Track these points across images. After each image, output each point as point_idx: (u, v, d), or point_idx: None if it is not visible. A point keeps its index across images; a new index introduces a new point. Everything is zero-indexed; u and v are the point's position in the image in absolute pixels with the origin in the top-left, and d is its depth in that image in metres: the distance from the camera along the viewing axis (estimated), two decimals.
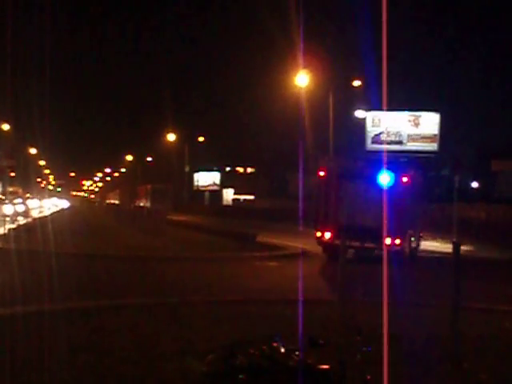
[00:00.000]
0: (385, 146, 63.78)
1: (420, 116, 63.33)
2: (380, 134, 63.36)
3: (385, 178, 22.60)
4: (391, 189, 22.83)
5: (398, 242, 23.15)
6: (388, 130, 63.13)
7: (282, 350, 7.29)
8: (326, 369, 7.15)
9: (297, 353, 7.23)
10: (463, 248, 10.56)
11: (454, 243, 9.68)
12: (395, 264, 12.76)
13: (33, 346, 9.43)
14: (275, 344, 7.34)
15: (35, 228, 33.71)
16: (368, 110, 61.51)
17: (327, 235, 24.18)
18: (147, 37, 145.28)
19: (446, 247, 25.25)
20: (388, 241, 21.70)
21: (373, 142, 63.57)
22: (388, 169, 23.00)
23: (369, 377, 7.56)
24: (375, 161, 26.67)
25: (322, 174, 25.22)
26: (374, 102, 61.45)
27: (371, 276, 13.08)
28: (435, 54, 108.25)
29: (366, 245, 23.38)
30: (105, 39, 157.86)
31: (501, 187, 69.48)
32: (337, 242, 21.49)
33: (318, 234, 24.78)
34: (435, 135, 63.16)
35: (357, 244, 23.03)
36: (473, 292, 13.12)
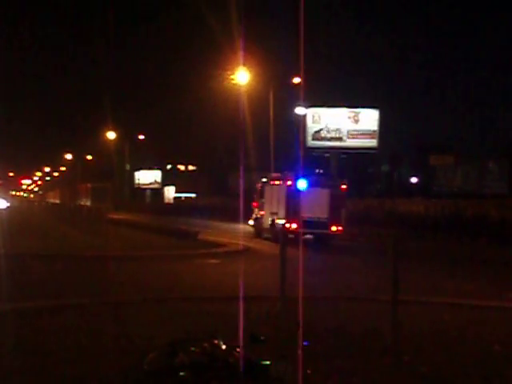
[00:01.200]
0: (325, 143, 64.24)
1: (359, 112, 63.90)
2: (320, 130, 63.79)
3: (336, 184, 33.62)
4: (333, 193, 32.66)
5: (340, 228, 32.83)
6: (328, 126, 63.60)
7: (224, 346, 7.31)
8: (266, 364, 7.19)
9: (238, 349, 7.26)
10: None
11: (391, 237, 9.80)
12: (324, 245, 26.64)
13: None
14: (216, 341, 7.36)
15: None
16: (308, 106, 61.83)
17: (294, 226, 31.38)
18: (86, 33, 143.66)
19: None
20: (333, 228, 32.42)
21: (313, 139, 63.97)
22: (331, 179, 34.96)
23: (309, 371, 7.62)
24: (322, 175, 37.64)
25: (288, 182, 33.01)
26: (314, 99, 61.90)
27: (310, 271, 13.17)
28: (374, 50, 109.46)
29: (319, 231, 31.55)
30: (44, 35, 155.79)
31: (439, 181, 70.57)
32: (299, 229, 28.96)
33: (287, 225, 31.76)
34: (374, 131, 63.79)
35: (312, 230, 31.15)
36: (410, 285, 13.30)
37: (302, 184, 31.82)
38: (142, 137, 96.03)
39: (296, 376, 7.20)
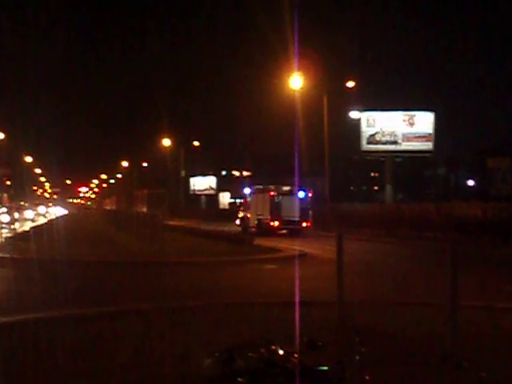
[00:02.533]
0: (380, 147, 63.86)
1: (414, 115, 63.42)
2: (375, 134, 63.43)
3: (301, 194, 45.00)
4: (303, 199, 44.86)
5: (308, 224, 44.44)
6: (383, 129, 63.22)
7: (281, 352, 7.27)
8: (324, 370, 7.13)
9: (295, 355, 7.21)
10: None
11: (450, 241, 9.67)
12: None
13: (32, 353, 9.41)
14: (274, 347, 7.32)
15: (32, 236, 33.67)
16: (363, 110, 61.56)
17: (276, 223, 44.16)
18: (142, 44, 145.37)
19: None
20: (304, 224, 44.10)
21: (368, 143, 63.66)
22: (301, 189, 45.31)
23: (368, 377, 7.55)
24: (296, 186, 46.08)
25: (272, 193, 45.28)
26: (369, 102, 61.58)
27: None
28: (430, 53, 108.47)
29: (293, 227, 43.80)
30: (99, 47, 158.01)
31: (497, 184, 69.61)
32: (280, 225, 44.02)
33: (271, 223, 44.14)
34: (430, 134, 63.24)
35: (288, 226, 43.97)
36: (467, 289, 13.10)
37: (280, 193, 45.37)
38: (196, 143, 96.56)
39: (354, 382, 7.14)
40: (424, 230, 40.60)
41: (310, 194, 45.69)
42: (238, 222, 49.64)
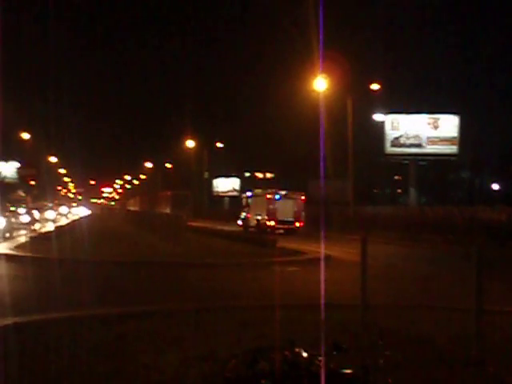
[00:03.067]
0: (404, 150, 63.62)
1: (439, 118, 63.13)
2: (399, 137, 63.19)
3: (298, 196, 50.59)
4: (296, 203, 49.81)
5: (301, 224, 49.04)
6: (407, 132, 62.97)
7: (305, 354, 7.27)
8: (348, 373, 7.13)
9: (319, 358, 7.21)
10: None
11: (475, 245, 9.63)
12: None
13: (56, 353, 9.47)
14: (297, 349, 7.32)
15: (57, 236, 33.88)
16: (387, 113, 61.36)
17: (272, 223, 48.72)
18: (167, 45, 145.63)
19: None
20: (297, 224, 48.96)
21: (392, 146, 63.43)
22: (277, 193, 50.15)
23: (391, 381, 7.54)
24: (287, 191, 51.54)
25: (268, 196, 50.39)
26: (393, 105, 61.35)
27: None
28: (456, 55, 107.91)
29: (288, 226, 48.59)
30: (124, 48, 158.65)
31: None
32: (276, 225, 48.54)
33: (268, 223, 48.87)
34: (454, 137, 62.91)
35: (284, 226, 48.48)
36: (492, 294, 13.03)
37: (276, 197, 50.15)
38: (220, 145, 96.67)
39: None
40: (448, 233, 40.38)
41: (302, 197, 50.79)
42: (239, 222, 54.59)
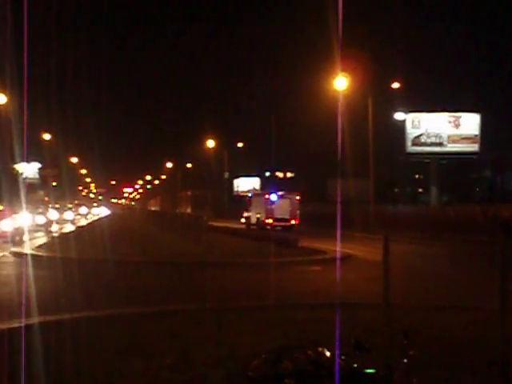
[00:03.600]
0: (425, 148, 63.35)
1: (460, 117, 62.76)
2: (420, 135, 62.92)
3: (273, 197, 55.06)
4: (291, 202, 54.74)
5: (296, 222, 53.95)
6: (428, 131, 62.67)
7: (328, 354, 7.25)
8: (372, 373, 7.10)
9: (343, 357, 7.19)
10: None
11: (499, 244, 9.54)
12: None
13: (81, 351, 9.51)
14: (320, 348, 7.30)
15: (79, 236, 34.03)
16: (408, 111, 61.09)
17: (269, 221, 53.57)
18: (189, 45, 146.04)
19: None
20: (292, 221, 53.62)
21: (413, 145, 63.16)
22: (272, 193, 55.25)
23: (415, 380, 7.49)
24: (285, 191, 57.41)
25: (266, 196, 55.82)
26: (414, 103, 61.07)
27: None
28: (477, 53, 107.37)
29: (284, 223, 53.04)
30: (146, 47, 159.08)
31: None
32: (273, 223, 53.04)
33: (266, 220, 53.84)
34: (476, 136, 62.53)
35: (280, 223, 53.08)
36: None
37: (273, 197, 55.03)
38: (240, 144, 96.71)
39: None
40: (470, 232, 40.17)
41: (297, 197, 55.83)
42: (243, 220, 59.26)
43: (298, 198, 55.85)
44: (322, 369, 7.11)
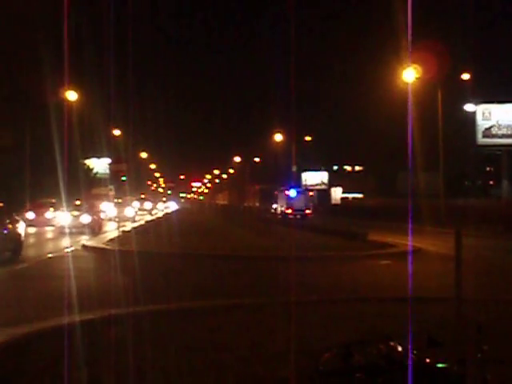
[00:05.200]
0: (496, 140, 62.28)
1: None
2: (491, 127, 61.87)
3: (292, 192, 70.04)
4: (305, 197, 71.85)
5: (310, 212, 67.87)
6: (499, 123, 61.58)
7: (400, 348, 7.19)
8: (444, 368, 7.02)
9: (415, 352, 7.12)
10: None
11: None
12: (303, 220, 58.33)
13: (149, 345, 9.62)
14: (392, 343, 7.25)
15: (149, 229, 34.45)
16: (478, 103, 60.13)
17: (290, 211, 65.88)
18: (258, 42, 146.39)
19: None
20: (308, 211, 67.58)
21: (484, 136, 62.14)
22: (292, 188, 70.95)
23: (489, 376, 7.39)
24: (301, 188, 78.78)
25: (287, 192, 69.20)
26: (485, 95, 60.08)
27: None
28: None
29: (300, 213, 64.92)
30: (214, 42, 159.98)
31: None
32: (292, 213, 66.19)
33: (286, 211, 66.91)
34: None
35: (297, 213, 65.11)
36: None
37: (292, 193, 69.07)
38: (308, 138, 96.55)
39: (475, 381, 7.01)
40: None
41: (311, 193, 74.90)
42: (272, 210, 74.44)
43: (311, 193, 73.22)
44: (393, 363, 7.07)
